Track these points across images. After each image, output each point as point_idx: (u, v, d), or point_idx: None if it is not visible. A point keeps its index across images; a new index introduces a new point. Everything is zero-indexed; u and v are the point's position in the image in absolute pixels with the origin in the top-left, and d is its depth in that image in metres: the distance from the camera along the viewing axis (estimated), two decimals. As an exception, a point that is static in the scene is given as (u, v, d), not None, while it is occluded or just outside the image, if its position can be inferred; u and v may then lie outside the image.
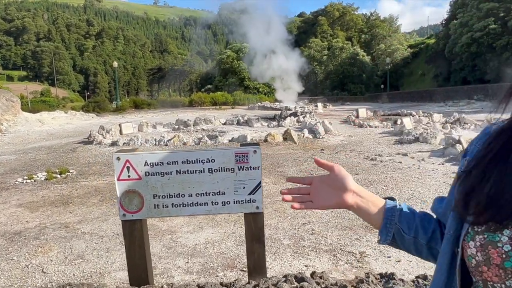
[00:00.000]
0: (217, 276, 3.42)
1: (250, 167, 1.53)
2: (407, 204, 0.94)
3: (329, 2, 72.58)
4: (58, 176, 7.82)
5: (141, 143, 11.95)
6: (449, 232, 0.76)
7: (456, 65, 38.34)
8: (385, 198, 0.95)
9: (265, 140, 11.38)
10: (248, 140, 11.46)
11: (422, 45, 58.05)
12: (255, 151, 1.55)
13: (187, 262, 3.73)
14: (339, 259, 3.69)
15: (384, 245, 3.38)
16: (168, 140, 11.82)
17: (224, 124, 18.34)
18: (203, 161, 1.52)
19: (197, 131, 15.51)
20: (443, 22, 49.28)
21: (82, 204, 5.84)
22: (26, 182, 7.50)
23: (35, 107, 33.83)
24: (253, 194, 1.56)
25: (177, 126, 16.90)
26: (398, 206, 0.92)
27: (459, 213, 0.73)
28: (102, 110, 34.25)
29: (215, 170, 1.54)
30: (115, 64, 40.57)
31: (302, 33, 69.77)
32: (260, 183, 1.56)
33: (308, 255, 3.80)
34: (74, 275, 3.55)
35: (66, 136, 15.70)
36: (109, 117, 28.44)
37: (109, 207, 5.62)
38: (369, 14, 71.57)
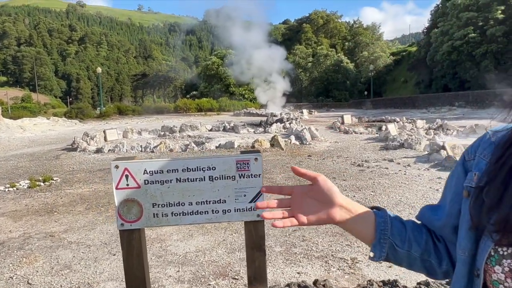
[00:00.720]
0: (209, 285, 3.38)
1: (251, 174, 1.52)
2: (393, 213, 0.88)
3: (313, 10, 73.48)
4: (42, 184, 7.64)
5: (126, 149, 11.79)
6: (464, 253, 0.71)
7: (438, 72, 39.17)
8: (371, 208, 0.87)
9: (253, 147, 11.37)
10: (235, 146, 11.43)
11: (404, 53, 59.21)
12: (256, 159, 1.54)
13: (178, 271, 3.67)
14: (331, 265, 3.69)
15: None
16: (154, 147, 11.69)
17: (210, 130, 18.27)
18: (203, 169, 1.51)
19: (183, 138, 15.40)
20: (424, 30, 50.35)
21: (68, 213, 5.71)
22: (8, 190, 7.29)
23: (16, 113, 33.10)
24: (254, 202, 1.54)
25: (162, 133, 16.76)
26: (389, 219, 0.84)
27: (476, 230, 0.68)
28: (85, 117, 33.75)
29: (216, 178, 1.52)
30: (99, 70, 40.07)
31: (287, 40, 70.31)
32: (261, 190, 1.55)
33: (300, 262, 3.79)
34: (61, 286, 3.46)
35: (49, 143, 15.39)
36: (93, 124, 28.04)
37: (95, 216, 5.51)
38: (352, 22, 72.81)
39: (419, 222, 0.88)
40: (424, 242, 0.83)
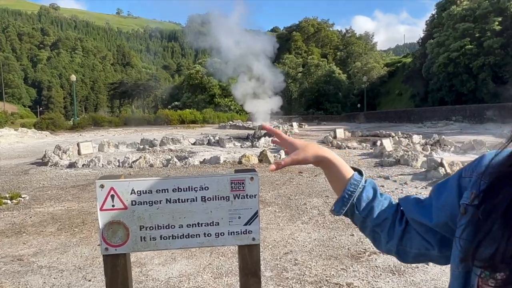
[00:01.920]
0: (194, 313, 3.33)
1: (247, 195, 1.52)
2: (373, 182, 1.04)
3: (303, 18, 74.61)
4: (9, 201, 7.47)
5: (102, 164, 11.65)
6: (457, 269, 0.78)
7: (434, 85, 39.93)
8: (355, 170, 1.06)
9: (240, 162, 11.37)
10: (221, 162, 11.41)
11: (399, 64, 60.31)
12: (252, 178, 1.54)
13: (160, 298, 3.62)
14: (326, 291, 3.68)
15: (367, 269, 3.42)
16: (133, 162, 11.58)
17: (194, 144, 18.22)
18: (195, 189, 1.50)
19: (164, 152, 15.33)
20: (420, 41, 51.48)
21: (38, 234, 5.59)
22: (-30, 208, 7.11)
23: (-20, 124, 32.47)
24: (249, 225, 1.55)
25: (142, 146, 16.64)
26: (362, 184, 1.02)
27: (468, 261, 0.73)
28: (57, 128, 33.30)
29: (209, 199, 1.52)
30: (73, 77, 39.72)
31: (276, 48, 71.07)
32: (257, 212, 1.56)
33: None
34: (30, 315, 3.36)
35: (17, 156, 15.12)
36: (65, 136, 27.68)
37: (68, 237, 5.40)
38: (344, 31, 74.03)
39: (395, 202, 1.03)
40: (383, 219, 0.98)
